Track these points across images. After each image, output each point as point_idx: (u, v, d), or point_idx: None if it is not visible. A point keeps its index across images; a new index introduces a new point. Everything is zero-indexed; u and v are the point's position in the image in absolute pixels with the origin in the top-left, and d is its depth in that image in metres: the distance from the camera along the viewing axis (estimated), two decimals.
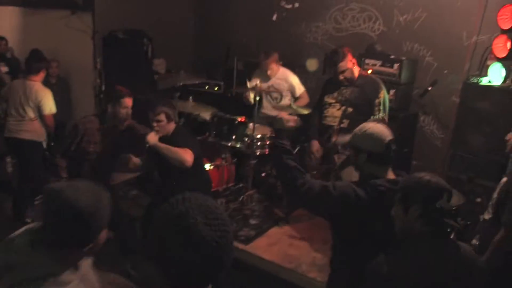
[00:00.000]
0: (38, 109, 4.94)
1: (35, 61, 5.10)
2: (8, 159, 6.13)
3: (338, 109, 4.16)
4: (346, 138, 2.84)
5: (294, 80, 5.46)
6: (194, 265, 1.30)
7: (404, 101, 5.44)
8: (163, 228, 1.34)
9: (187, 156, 3.72)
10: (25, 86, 4.94)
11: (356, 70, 4.16)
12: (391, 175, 2.49)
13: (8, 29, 7.05)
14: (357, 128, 2.61)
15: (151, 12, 6.95)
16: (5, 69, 6.42)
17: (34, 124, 4.96)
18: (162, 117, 3.89)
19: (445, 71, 5.54)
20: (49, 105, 4.97)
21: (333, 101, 4.21)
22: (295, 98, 5.34)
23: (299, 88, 5.46)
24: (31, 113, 4.94)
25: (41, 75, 5.05)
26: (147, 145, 3.82)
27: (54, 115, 5.10)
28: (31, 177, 5.11)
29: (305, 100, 5.38)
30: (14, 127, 4.95)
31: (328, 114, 4.23)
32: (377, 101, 4.01)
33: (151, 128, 3.92)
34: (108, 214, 1.77)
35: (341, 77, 4.09)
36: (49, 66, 5.51)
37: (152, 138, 3.84)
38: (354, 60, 4.16)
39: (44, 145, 5.17)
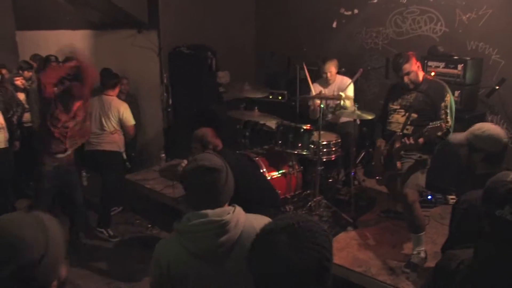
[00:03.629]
0: (119, 122, 5.31)
1: (111, 77, 5.49)
2: (83, 173, 6.53)
3: (403, 116, 4.13)
4: (459, 136, 2.81)
5: (350, 89, 5.49)
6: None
7: (470, 102, 5.36)
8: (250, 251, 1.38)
9: None
10: (103, 101, 5.31)
11: (421, 74, 4.15)
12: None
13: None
14: (476, 127, 2.67)
15: (214, 27, 7.22)
16: None
17: (114, 136, 5.33)
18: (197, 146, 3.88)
19: None
20: (130, 117, 5.36)
21: (398, 107, 4.19)
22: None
23: (350, 96, 5.48)
24: (111, 126, 5.29)
25: (117, 90, 5.46)
26: None
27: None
28: (112, 186, 5.47)
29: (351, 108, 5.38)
30: (95, 140, 5.30)
31: (393, 120, 4.22)
32: (443, 104, 3.95)
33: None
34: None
35: (406, 79, 4.06)
36: (120, 83, 5.85)
37: None
38: (418, 64, 4.14)
39: (124, 155, 5.53)
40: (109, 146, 5.32)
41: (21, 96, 6.18)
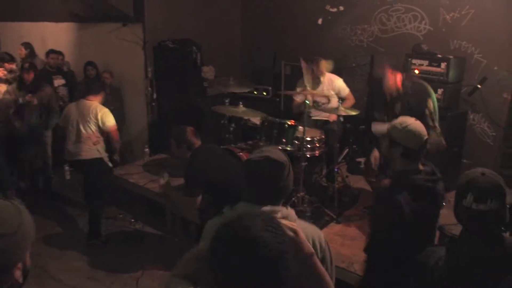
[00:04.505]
0: (99, 125, 5.01)
1: (96, 85, 5.28)
2: (66, 167, 6.45)
3: None
4: (381, 127, 2.82)
5: (339, 82, 5.57)
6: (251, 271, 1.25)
7: (453, 100, 5.43)
8: (220, 231, 1.34)
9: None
10: (82, 105, 5.04)
11: (398, 80, 4.19)
12: (420, 167, 2.60)
13: (64, 44, 7.49)
14: (398, 121, 2.66)
15: (199, 21, 7.18)
16: (61, 81, 6.83)
17: (93, 142, 5.05)
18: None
19: (495, 68, 5.48)
20: (111, 118, 5.06)
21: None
22: (342, 100, 5.42)
23: (345, 90, 5.57)
24: (89, 130, 5.00)
25: (99, 97, 5.16)
26: None
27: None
28: (98, 193, 5.21)
29: (351, 101, 5.46)
30: (74, 150, 5.06)
31: None
32: (426, 111, 3.98)
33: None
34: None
35: (388, 94, 4.18)
36: (104, 87, 5.64)
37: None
38: (394, 74, 4.19)
39: (106, 159, 5.23)
40: (88, 154, 5.04)
41: (3, 87, 6.08)
